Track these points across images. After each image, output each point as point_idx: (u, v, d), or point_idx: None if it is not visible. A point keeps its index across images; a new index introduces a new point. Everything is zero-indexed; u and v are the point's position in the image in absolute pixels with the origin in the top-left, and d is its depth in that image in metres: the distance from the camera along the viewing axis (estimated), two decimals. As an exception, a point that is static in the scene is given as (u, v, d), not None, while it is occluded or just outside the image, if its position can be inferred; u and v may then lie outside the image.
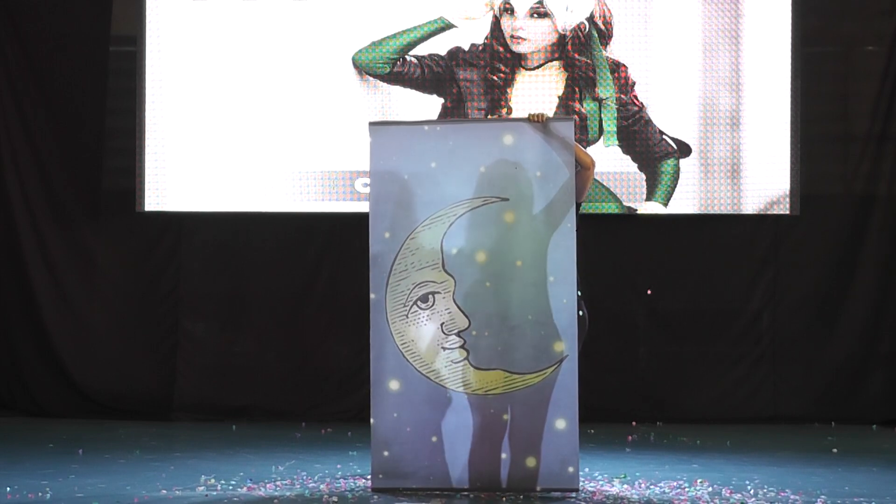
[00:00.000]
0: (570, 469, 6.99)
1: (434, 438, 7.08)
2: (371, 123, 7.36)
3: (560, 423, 6.98)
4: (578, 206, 7.25)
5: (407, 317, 7.10)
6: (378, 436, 7.13)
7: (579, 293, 7.20)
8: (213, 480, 7.37)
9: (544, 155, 7.08)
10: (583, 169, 7.22)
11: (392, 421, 7.10)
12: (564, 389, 6.99)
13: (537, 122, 7.11)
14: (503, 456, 7.03)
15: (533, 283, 7.04)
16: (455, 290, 7.06)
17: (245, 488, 7.20)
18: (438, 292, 7.07)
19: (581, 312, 7.19)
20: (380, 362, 7.15)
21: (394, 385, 7.10)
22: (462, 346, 7.05)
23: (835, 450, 8.99)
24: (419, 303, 7.08)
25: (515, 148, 7.09)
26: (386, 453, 7.11)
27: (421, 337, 7.09)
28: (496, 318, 7.06)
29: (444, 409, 7.06)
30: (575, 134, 7.05)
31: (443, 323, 7.07)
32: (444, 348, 7.07)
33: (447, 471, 7.09)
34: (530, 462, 7.00)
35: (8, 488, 7.03)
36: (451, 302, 7.06)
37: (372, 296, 7.17)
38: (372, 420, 7.15)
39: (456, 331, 7.06)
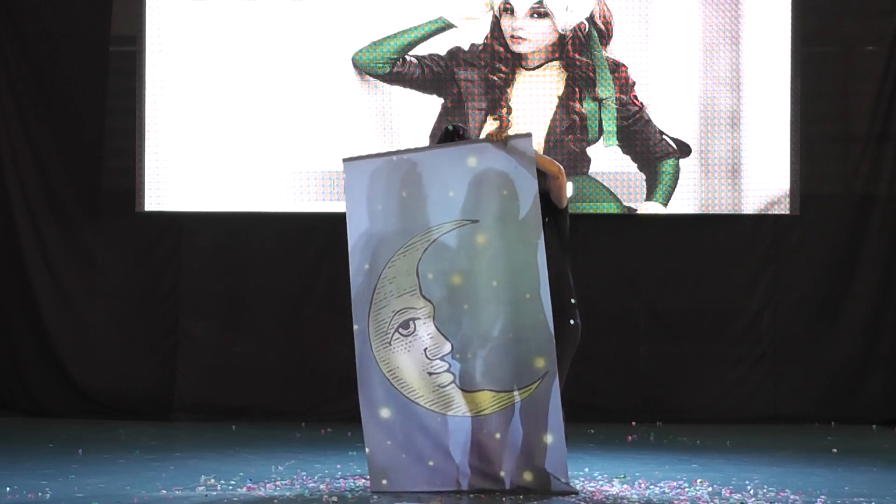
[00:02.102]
0: (563, 480, 7.00)
1: (431, 463, 7.07)
2: (344, 160, 7.33)
3: (548, 438, 6.98)
4: (565, 210, 7.24)
5: (390, 344, 7.09)
6: (375, 465, 7.11)
7: (573, 301, 7.19)
8: (213, 480, 7.37)
9: (509, 173, 7.07)
10: (552, 178, 7.17)
11: (386, 449, 7.09)
12: (549, 405, 6.98)
13: (497, 140, 7.10)
14: (501, 474, 7.03)
15: (510, 301, 7.03)
16: (435, 314, 7.06)
17: (245, 488, 7.20)
18: (419, 318, 7.08)
19: (573, 322, 7.17)
20: (367, 391, 7.13)
21: (384, 413, 7.10)
22: (447, 370, 7.05)
23: (835, 450, 8.98)
24: (400, 329, 7.08)
25: (480, 169, 7.09)
26: (385, 482, 7.09)
27: (405, 364, 7.08)
28: (477, 339, 7.06)
29: (437, 434, 7.05)
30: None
31: (426, 348, 7.07)
32: (431, 373, 7.07)
33: (447, 494, 7.07)
34: (527, 476, 7.00)
35: (8, 488, 7.03)
36: (433, 327, 7.06)
37: (355, 327, 7.15)
38: (367, 449, 7.14)
39: (440, 355, 7.06)
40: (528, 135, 7.20)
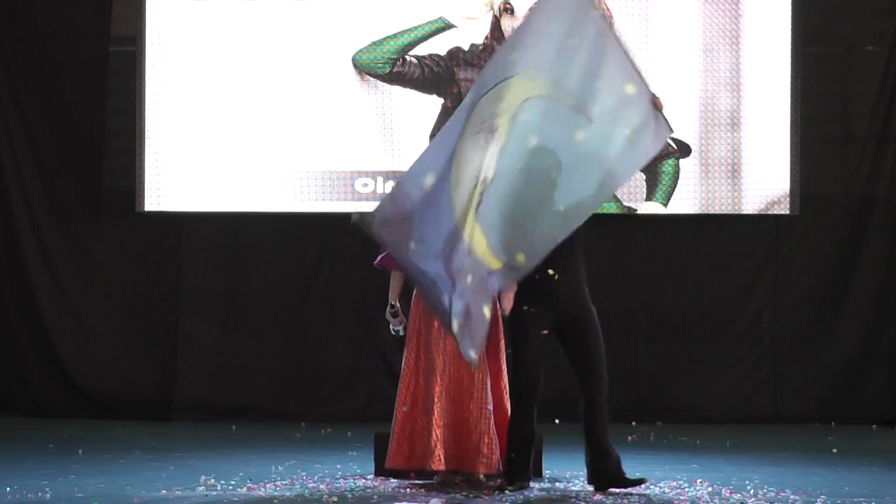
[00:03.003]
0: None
1: (429, 235, 6.85)
2: None
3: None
4: None
5: (476, 135, 6.87)
6: (382, 207, 6.93)
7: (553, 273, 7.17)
8: (213, 480, 7.37)
9: (642, 125, 6.94)
10: None
11: (403, 202, 6.85)
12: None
13: (657, 106, 7.02)
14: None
15: (542, 198, 6.93)
16: (502, 147, 6.95)
17: (245, 488, 7.20)
18: (499, 134, 6.90)
19: (594, 308, 7.19)
20: (430, 157, 6.94)
21: (429, 180, 6.88)
22: (480, 195, 6.87)
23: (835, 450, 8.99)
24: (488, 128, 6.92)
25: (630, 101, 6.95)
26: (390, 211, 6.88)
27: (469, 161, 6.87)
28: (503, 200, 6.91)
29: (443, 225, 6.84)
30: None
31: (485, 163, 6.89)
32: (475, 185, 6.90)
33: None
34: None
35: (8, 488, 7.03)
36: (496, 155, 6.90)
37: (461, 113, 6.98)
38: (395, 183, 7.08)
39: (481, 179, 6.90)
40: (670, 130, 7.10)
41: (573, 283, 7.18)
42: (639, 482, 7.10)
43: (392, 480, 7.41)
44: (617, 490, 7.10)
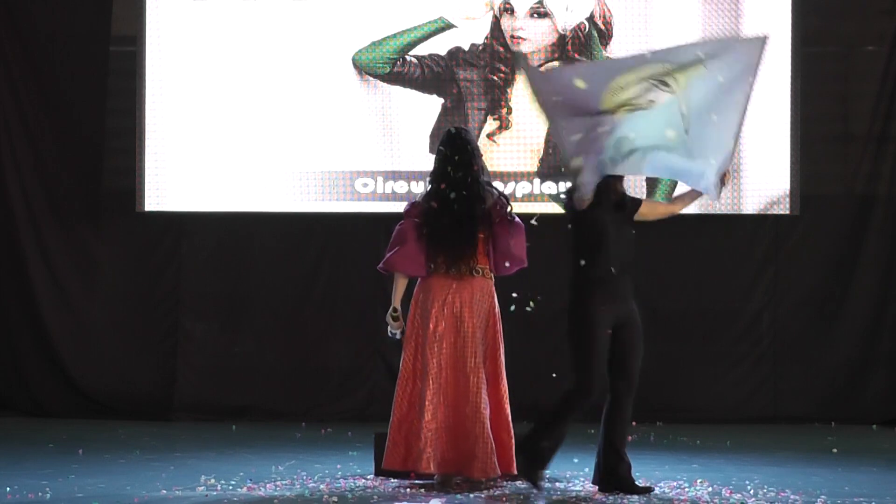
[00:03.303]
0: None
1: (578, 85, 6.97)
2: None
3: None
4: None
5: (641, 81, 6.98)
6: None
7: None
8: (213, 480, 7.37)
9: (710, 172, 7.14)
10: (660, 212, 7.60)
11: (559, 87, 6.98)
12: None
13: (724, 181, 7.15)
14: None
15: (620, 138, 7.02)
16: (646, 120, 7.01)
17: (245, 488, 7.21)
18: (660, 99, 7.00)
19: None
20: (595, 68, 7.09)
21: (580, 83, 6.95)
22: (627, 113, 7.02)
23: (835, 450, 8.99)
24: (656, 81, 6.98)
25: (722, 151, 7.13)
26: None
27: (630, 84, 6.94)
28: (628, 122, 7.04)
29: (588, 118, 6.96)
30: None
31: (642, 106, 6.99)
32: (631, 100, 6.97)
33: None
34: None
35: (8, 488, 7.03)
36: (654, 113, 7.01)
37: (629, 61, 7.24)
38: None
39: (645, 96, 6.98)
40: (716, 198, 7.36)
41: (631, 283, 7.23)
42: (647, 490, 7.10)
43: (392, 480, 7.42)
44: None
